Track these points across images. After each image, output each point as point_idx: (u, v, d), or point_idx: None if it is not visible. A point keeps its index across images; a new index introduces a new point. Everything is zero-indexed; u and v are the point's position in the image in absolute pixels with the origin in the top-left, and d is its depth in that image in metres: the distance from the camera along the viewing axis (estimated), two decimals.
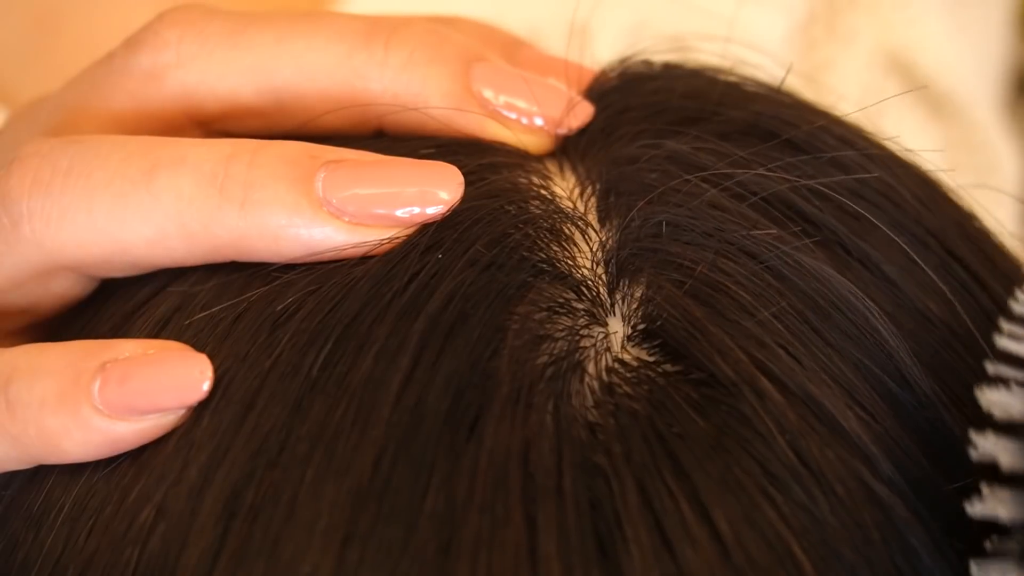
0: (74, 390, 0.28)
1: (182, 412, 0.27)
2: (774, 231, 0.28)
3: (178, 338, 0.28)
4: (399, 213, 0.28)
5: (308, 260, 0.28)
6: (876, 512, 0.25)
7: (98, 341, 0.29)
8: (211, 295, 0.29)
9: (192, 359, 0.27)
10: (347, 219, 0.28)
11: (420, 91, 0.31)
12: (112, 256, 0.30)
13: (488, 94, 0.31)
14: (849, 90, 0.53)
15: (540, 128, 0.31)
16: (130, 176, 0.29)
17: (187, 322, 0.28)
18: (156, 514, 0.26)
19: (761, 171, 0.29)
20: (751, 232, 0.28)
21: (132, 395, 0.28)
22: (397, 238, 0.28)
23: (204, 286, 0.29)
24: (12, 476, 0.30)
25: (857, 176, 0.30)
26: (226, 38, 0.31)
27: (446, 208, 0.28)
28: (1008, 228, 0.33)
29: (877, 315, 0.28)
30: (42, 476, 0.28)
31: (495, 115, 0.31)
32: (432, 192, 0.29)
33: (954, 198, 0.33)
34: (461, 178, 0.29)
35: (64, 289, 0.31)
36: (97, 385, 0.28)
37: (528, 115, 0.31)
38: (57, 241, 0.29)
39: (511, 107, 0.31)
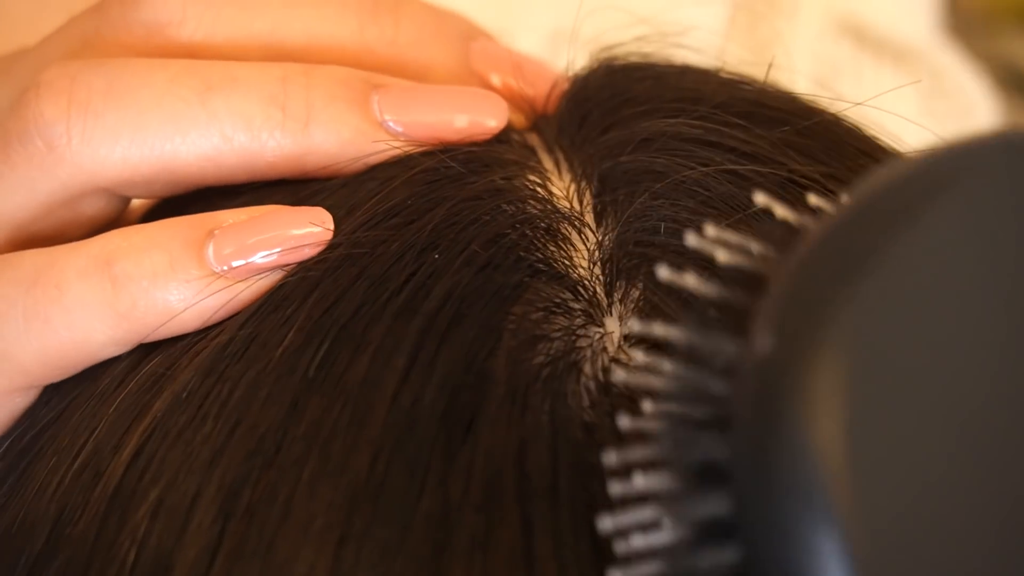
0: (185, 257, 0.28)
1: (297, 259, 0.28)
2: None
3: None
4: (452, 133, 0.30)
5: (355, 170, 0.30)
6: None
7: (197, 215, 0.29)
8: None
9: (304, 209, 0.28)
10: (402, 140, 0.30)
11: (428, 66, 0.32)
12: (158, 174, 0.30)
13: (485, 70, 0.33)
14: (801, 62, 0.53)
15: (524, 107, 0.33)
16: (183, 96, 0.29)
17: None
18: (153, 514, 0.26)
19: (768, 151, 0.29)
20: (751, 217, 0.28)
21: (249, 248, 0.28)
22: None
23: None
24: (10, 470, 0.29)
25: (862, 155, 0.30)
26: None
27: (491, 135, 0.30)
28: None
29: None
30: (35, 476, 0.28)
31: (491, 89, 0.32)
32: (480, 121, 0.30)
33: None
34: (505, 104, 0.31)
35: (96, 210, 0.31)
36: (211, 248, 0.28)
37: (519, 93, 0.33)
38: (98, 161, 0.29)
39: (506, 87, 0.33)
